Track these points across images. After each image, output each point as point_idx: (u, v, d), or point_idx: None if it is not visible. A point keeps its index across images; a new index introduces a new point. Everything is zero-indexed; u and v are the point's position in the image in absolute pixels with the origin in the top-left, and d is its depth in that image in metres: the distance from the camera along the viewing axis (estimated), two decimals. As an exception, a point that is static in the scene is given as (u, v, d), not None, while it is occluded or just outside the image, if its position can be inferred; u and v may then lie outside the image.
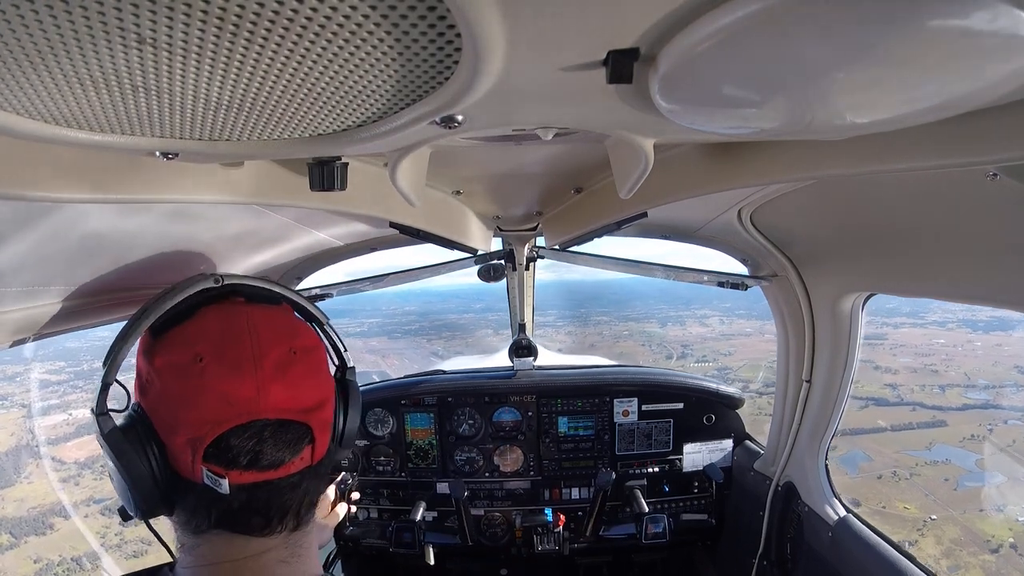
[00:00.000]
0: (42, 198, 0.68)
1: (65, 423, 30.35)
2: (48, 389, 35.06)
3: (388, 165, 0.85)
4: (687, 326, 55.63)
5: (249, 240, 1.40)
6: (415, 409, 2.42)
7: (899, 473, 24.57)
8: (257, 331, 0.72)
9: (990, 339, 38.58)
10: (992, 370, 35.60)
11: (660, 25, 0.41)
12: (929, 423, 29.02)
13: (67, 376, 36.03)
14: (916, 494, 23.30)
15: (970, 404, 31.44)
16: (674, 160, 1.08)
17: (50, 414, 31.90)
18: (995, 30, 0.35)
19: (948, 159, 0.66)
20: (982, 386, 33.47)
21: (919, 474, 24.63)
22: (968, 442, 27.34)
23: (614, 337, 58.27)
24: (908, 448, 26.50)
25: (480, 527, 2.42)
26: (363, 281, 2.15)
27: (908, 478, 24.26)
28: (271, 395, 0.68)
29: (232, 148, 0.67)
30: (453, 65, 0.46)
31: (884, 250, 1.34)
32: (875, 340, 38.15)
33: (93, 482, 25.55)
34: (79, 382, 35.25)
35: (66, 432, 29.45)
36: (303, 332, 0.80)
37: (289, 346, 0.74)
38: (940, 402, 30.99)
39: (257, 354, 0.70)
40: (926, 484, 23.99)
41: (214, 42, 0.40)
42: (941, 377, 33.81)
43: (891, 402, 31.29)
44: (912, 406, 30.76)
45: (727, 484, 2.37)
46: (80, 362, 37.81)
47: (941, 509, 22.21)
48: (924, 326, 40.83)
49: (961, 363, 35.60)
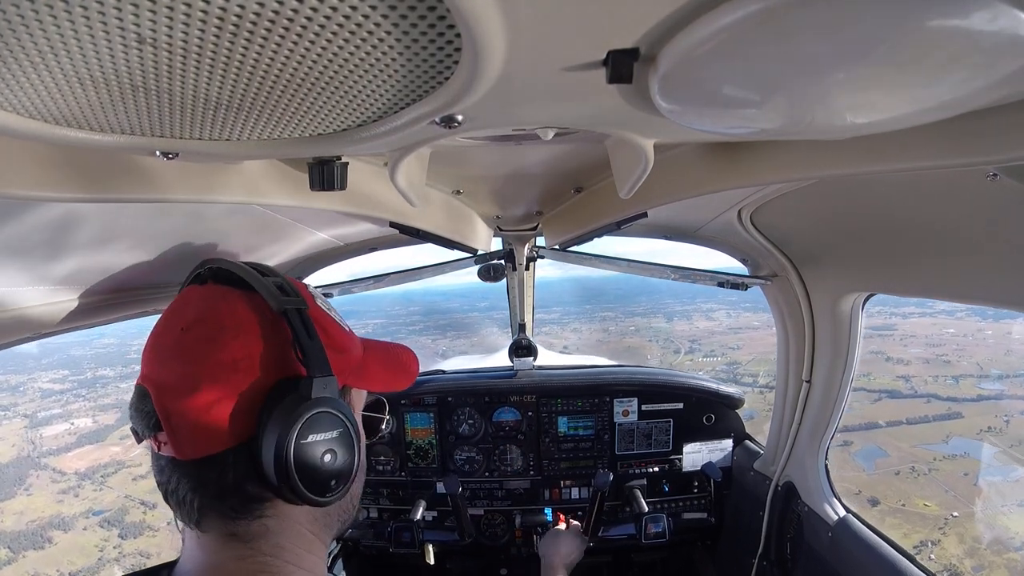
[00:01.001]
0: (41, 198, 0.69)
1: (67, 432, 30.09)
2: (51, 398, 34.82)
3: (388, 165, 0.86)
4: (693, 320, 55.22)
5: (249, 240, 1.40)
6: (415, 409, 2.42)
7: (917, 468, 23.79)
8: (180, 306, 0.72)
9: (1000, 327, 38.09)
10: (1005, 359, 35.07)
11: (660, 25, 0.41)
12: (945, 415, 28.31)
13: (70, 385, 35.79)
14: (935, 490, 22.67)
15: (985, 395, 30.82)
16: (674, 160, 1.08)
17: (52, 424, 31.63)
18: (995, 30, 0.35)
19: (948, 159, 0.66)
20: (996, 376, 32.87)
21: (937, 469, 23.90)
22: (985, 434, 26.67)
23: (620, 333, 58.00)
24: (924, 442, 25.83)
25: (480, 527, 2.42)
26: (363, 281, 2.15)
27: (927, 473, 23.53)
28: (145, 362, 0.68)
29: (232, 148, 0.67)
30: (453, 65, 0.46)
31: (884, 250, 1.34)
32: (885, 331, 37.63)
33: (93, 493, 25.26)
34: (82, 390, 34.98)
35: (67, 442, 29.22)
36: (215, 311, 0.69)
37: (183, 321, 0.68)
38: (955, 393, 30.42)
39: (163, 325, 0.70)
40: (945, 479, 23.31)
41: (214, 42, 0.40)
42: (954, 368, 33.19)
43: (905, 394, 30.66)
44: (926, 398, 30.15)
45: (727, 484, 2.38)
46: (83, 370, 37.58)
47: (962, 505, 21.59)
48: (933, 315, 40.21)
49: (973, 353, 35.02)
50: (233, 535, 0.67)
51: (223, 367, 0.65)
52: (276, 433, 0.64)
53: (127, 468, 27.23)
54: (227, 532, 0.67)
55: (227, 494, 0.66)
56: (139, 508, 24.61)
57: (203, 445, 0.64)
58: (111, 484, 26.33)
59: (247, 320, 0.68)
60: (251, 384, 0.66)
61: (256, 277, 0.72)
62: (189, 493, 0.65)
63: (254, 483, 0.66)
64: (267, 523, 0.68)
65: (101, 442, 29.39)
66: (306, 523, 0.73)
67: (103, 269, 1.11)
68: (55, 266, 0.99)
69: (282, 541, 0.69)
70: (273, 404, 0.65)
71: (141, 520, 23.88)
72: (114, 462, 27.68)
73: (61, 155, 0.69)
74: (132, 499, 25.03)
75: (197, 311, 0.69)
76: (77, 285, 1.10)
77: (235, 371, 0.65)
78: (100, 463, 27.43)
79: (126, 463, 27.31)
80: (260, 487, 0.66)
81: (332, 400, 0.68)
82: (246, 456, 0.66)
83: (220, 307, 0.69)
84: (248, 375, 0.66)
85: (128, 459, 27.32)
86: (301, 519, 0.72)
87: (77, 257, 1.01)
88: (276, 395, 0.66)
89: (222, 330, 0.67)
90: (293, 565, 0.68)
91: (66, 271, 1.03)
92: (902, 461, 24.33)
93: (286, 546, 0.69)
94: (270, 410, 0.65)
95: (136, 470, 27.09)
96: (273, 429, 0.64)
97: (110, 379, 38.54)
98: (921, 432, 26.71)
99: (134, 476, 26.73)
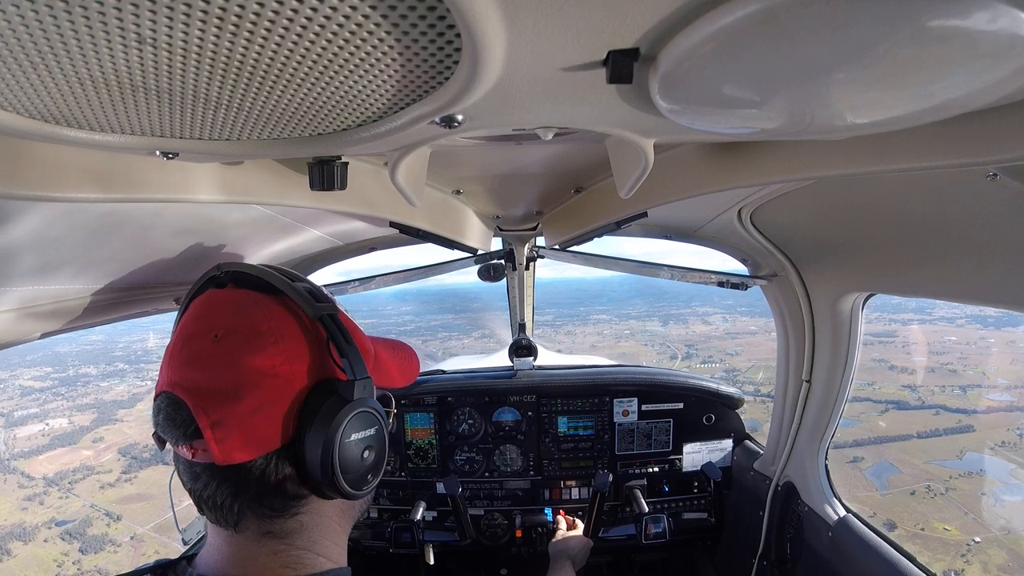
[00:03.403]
0: (42, 198, 0.69)
1: (41, 434, 29.05)
2: (30, 396, 33.84)
3: (388, 165, 0.86)
4: (690, 324, 54.73)
5: (248, 240, 1.40)
6: (415, 409, 2.42)
7: (933, 488, 22.48)
8: (204, 311, 0.71)
9: (1003, 335, 37.44)
10: (1011, 368, 34.32)
11: (660, 25, 0.41)
12: (955, 428, 27.20)
13: (51, 383, 34.93)
14: (954, 512, 21.48)
15: (995, 407, 29.92)
16: (674, 160, 1.08)
17: (27, 424, 30.70)
18: (995, 30, 0.35)
19: (948, 159, 0.66)
20: (1004, 386, 32.08)
21: (954, 488, 22.65)
22: (1000, 449, 25.59)
23: (615, 336, 57.63)
24: (937, 458, 24.75)
25: (480, 527, 2.42)
26: (363, 281, 2.15)
27: (943, 493, 22.29)
28: (176, 369, 0.67)
29: (232, 148, 0.67)
30: (453, 65, 0.46)
31: (884, 250, 1.34)
32: (885, 338, 37.13)
33: (59, 501, 23.75)
34: (62, 389, 34.06)
35: (40, 444, 28.05)
36: (250, 317, 0.69)
37: (217, 327, 0.68)
38: (963, 404, 29.49)
39: (192, 331, 0.69)
40: (963, 499, 22.09)
41: (214, 42, 0.40)
42: (960, 377, 32.17)
43: (912, 405, 29.80)
44: (935, 409, 29.19)
45: (727, 484, 2.38)
46: (67, 367, 36.80)
47: (983, 529, 20.47)
48: (932, 322, 39.56)
49: (977, 361, 34.18)
50: (269, 532, 0.69)
51: (264, 373, 0.66)
52: (323, 434, 0.66)
53: (96, 474, 25.98)
54: (263, 530, 0.68)
55: (267, 495, 0.68)
56: (103, 520, 23.56)
57: (247, 450, 0.65)
58: (78, 491, 25.12)
59: (285, 326, 0.69)
60: (292, 388, 0.67)
61: (286, 283, 0.72)
62: (229, 498, 0.66)
63: (294, 482, 0.69)
64: (302, 519, 0.71)
65: (74, 445, 28.21)
66: (335, 516, 0.76)
67: (104, 269, 1.11)
68: (56, 266, 0.99)
69: (315, 536, 0.72)
70: (315, 407, 0.68)
71: (104, 533, 22.80)
72: (84, 467, 26.40)
73: (60, 155, 0.69)
74: (97, 509, 23.92)
75: (230, 317, 0.69)
76: (79, 285, 1.10)
77: (276, 376, 0.66)
78: (70, 468, 26.21)
79: (95, 468, 26.27)
80: (299, 486, 0.69)
81: (370, 400, 0.72)
82: (288, 457, 0.68)
83: (255, 313, 0.69)
84: (289, 380, 0.67)
85: (98, 464, 26.33)
86: (331, 513, 0.75)
87: (78, 257, 1.01)
88: (316, 398, 0.68)
89: (260, 336, 0.67)
90: (324, 557, 0.72)
91: (67, 271, 1.03)
92: (916, 479, 23.05)
93: (318, 540, 0.72)
94: (313, 412, 0.67)
95: (105, 477, 25.78)
96: (319, 431, 0.66)
97: (92, 377, 37.33)
98: (933, 447, 25.54)
99: (102, 484, 25.26)
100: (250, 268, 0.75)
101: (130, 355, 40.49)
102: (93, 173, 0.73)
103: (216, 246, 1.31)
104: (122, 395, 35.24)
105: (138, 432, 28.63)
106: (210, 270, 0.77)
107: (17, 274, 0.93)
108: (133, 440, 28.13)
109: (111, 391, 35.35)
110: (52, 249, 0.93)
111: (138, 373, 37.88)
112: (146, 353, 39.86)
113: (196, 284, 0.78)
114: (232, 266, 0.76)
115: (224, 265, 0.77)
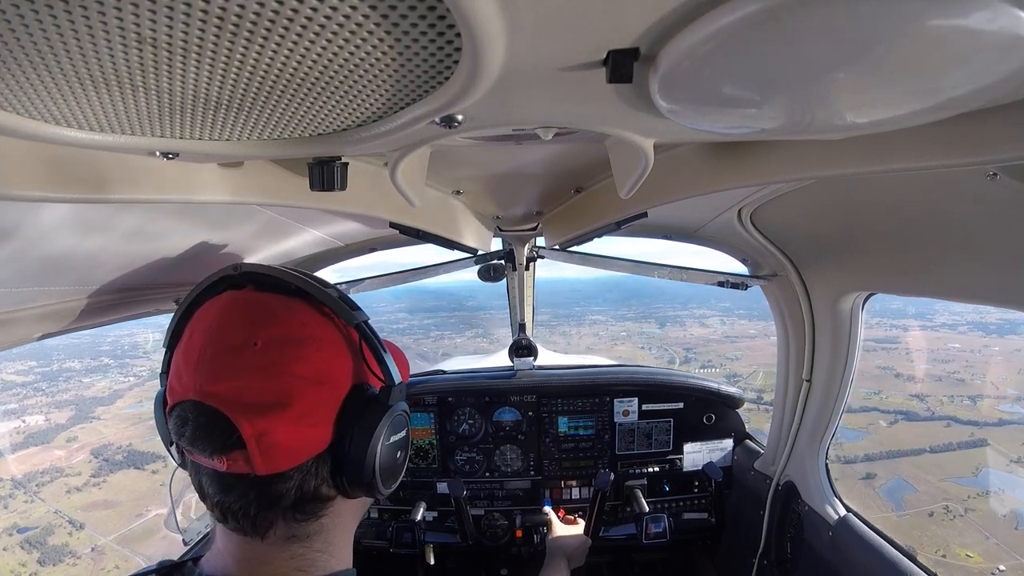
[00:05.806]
0: (42, 198, 0.69)
1: (16, 431, 27.78)
2: (10, 392, 32.75)
3: (388, 165, 0.86)
4: (687, 327, 54.28)
5: (248, 240, 1.40)
6: (415, 409, 2.42)
7: (952, 508, 20.95)
8: (234, 315, 0.69)
9: (1007, 343, 36.53)
10: (1019, 378, 33.51)
11: (660, 25, 0.41)
12: (969, 442, 25.93)
13: (33, 378, 33.74)
14: (975, 536, 20.08)
15: (1007, 419, 28.45)
16: (674, 160, 1.08)
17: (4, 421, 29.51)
18: (995, 30, 0.35)
19: (948, 159, 0.66)
20: (1014, 397, 30.91)
21: (973, 508, 21.19)
22: (1015, 466, 24.40)
23: (611, 338, 57.25)
24: (953, 474, 23.32)
25: (480, 527, 2.41)
26: (363, 281, 2.15)
27: (963, 515, 20.75)
28: (206, 377, 0.63)
29: (232, 148, 0.67)
30: (453, 65, 0.46)
31: (884, 250, 1.34)
32: (888, 344, 36.62)
33: (24, 505, 22.39)
34: (43, 384, 33.02)
35: (14, 442, 26.51)
36: (288, 323, 0.68)
37: (255, 333, 0.65)
38: (974, 416, 28.26)
39: (219, 336, 0.66)
40: (983, 521, 20.63)
41: (214, 42, 0.40)
42: (968, 387, 30.80)
43: (922, 416, 28.54)
44: (945, 421, 27.93)
45: (727, 484, 2.38)
46: (51, 361, 35.85)
47: (1008, 556, 18.99)
48: (934, 328, 38.83)
49: (984, 370, 32.97)
50: (293, 537, 0.69)
51: (308, 381, 0.65)
52: (366, 439, 0.68)
53: (65, 477, 24.81)
54: (287, 535, 0.68)
55: (302, 501, 0.68)
56: (66, 528, 22.48)
57: (290, 459, 0.65)
58: (44, 495, 24.05)
59: (325, 333, 0.69)
60: (334, 395, 0.68)
61: (320, 289, 0.72)
62: (264, 508, 0.66)
63: (328, 486, 0.69)
64: (323, 522, 0.71)
65: (47, 444, 26.81)
66: (351, 516, 0.76)
67: (105, 270, 1.11)
68: (56, 267, 0.99)
69: (331, 537, 0.72)
70: (355, 412, 0.69)
71: (65, 543, 21.71)
72: (53, 468, 25.06)
73: (61, 155, 0.69)
74: (61, 515, 22.94)
75: (266, 323, 0.67)
76: (80, 286, 1.10)
77: (319, 384, 0.66)
78: (39, 469, 25.13)
79: (65, 470, 25.30)
80: (331, 487, 0.70)
81: (403, 403, 0.75)
82: (326, 462, 0.68)
83: (291, 319, 0.68)
84: (330, 386, 0.68)
85: (68, 466, 25.39)
86: (348, 513, 0.75)
87: (79, 258, 1.01)
88: (354, 403, 0.69)
89: (301, 344, 0.66)
90: (336, 560, 0.72)
91: (67, 272, 1.03)
92: (933, 499, 21.61)
93: (334, 541, 0.73)
94: (353, 418, 0.68)
95: (73, 480, 24.10)
96: (362, 435, 0.68)
97: (75, 372, 36.26)
98: (947, 462, 24.21)
99: (69, 488, 24.10)
100: (271, 270, 0.73)
101: (116, 349, 39.26)
102: (93, 173, 0.73)
103: (216, 246, 1.31)
104: (103, 391, 33.94)
105: (114, 432, 27.53)
106: (223, 269, 0.75)
107: (17, 275, 0.93)
108: (108, 440, 27.06)
109: (92, 387, 34.30)
110: (52, 250, 0.93)
111: (122, 368, 36.43)
112: (132, 348, 38.94)
113: (205, 283, 0.75)
114: (249, 266, 0.74)
115: (241, 265, 0.75)
